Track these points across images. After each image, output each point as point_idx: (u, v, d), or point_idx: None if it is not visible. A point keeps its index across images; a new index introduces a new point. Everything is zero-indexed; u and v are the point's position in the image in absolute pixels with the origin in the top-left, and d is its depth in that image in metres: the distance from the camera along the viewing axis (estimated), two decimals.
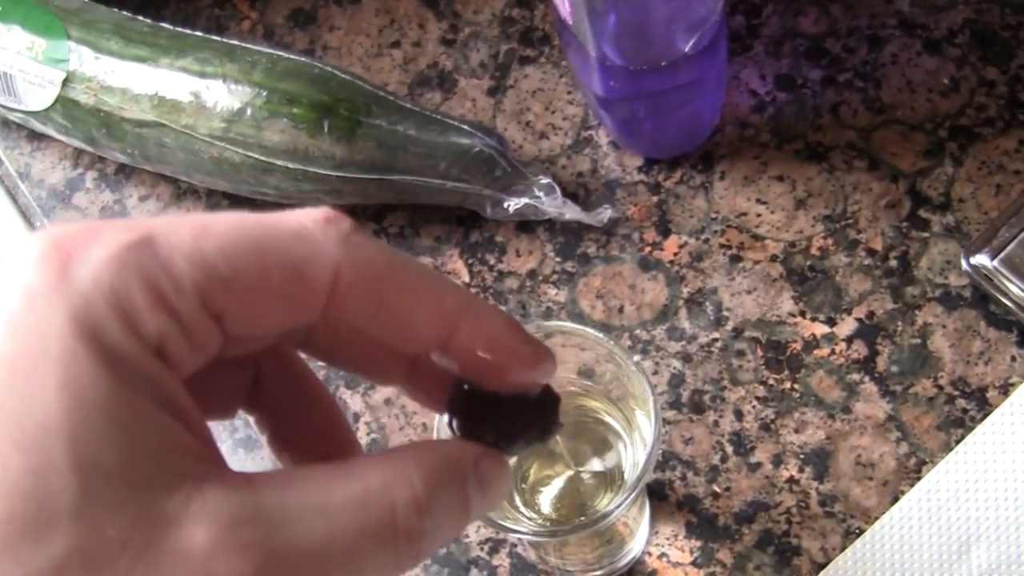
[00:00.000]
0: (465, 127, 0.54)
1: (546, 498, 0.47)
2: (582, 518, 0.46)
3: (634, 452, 0.44)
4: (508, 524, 0.40)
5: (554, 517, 0.47)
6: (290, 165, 0.54)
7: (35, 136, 0.63)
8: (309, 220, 0.26)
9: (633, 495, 0.40)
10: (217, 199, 0.59)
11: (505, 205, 0.54)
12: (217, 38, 0.56)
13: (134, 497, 0.22)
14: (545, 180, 0.54)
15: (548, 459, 0.47)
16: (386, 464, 0.26)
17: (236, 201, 0.59)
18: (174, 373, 0.24)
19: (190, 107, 0.54)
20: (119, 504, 0.22)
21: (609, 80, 0.52)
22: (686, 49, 0.49)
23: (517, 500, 0.46)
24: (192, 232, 0.24)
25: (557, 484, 0.47)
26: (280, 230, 0.25)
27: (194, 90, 0.54)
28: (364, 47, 0.61)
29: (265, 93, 0.54)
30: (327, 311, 0.26)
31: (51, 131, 0.59)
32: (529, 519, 0.45)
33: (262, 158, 0.54)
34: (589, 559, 0.49)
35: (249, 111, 0.54)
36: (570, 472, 0.47)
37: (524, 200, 0.54)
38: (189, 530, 0.22)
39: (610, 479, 0.47)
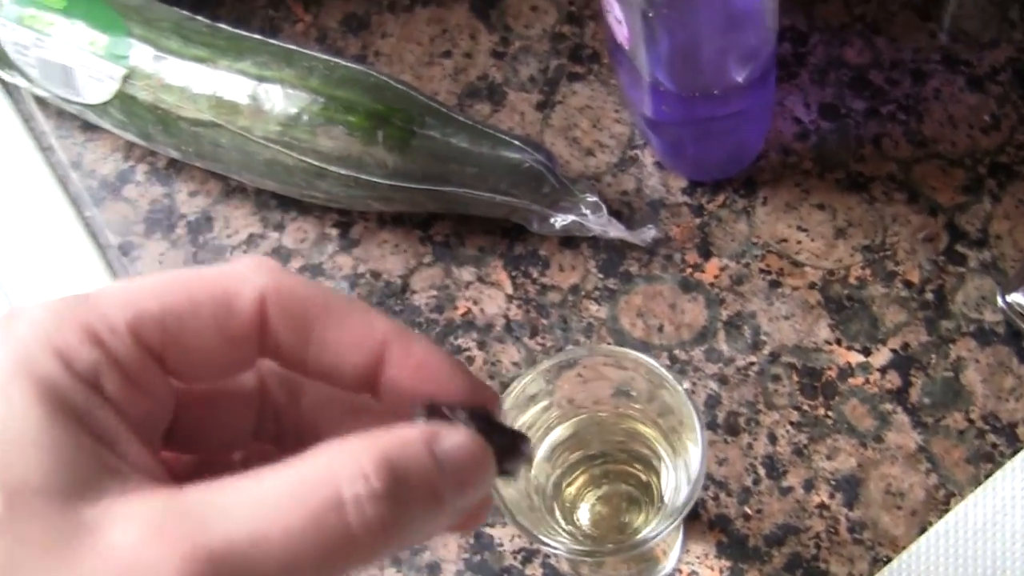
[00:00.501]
0: (516, 142, 0.55)
1: (585, 514, 0.48)
2: (621, 540, 0.47)
3: (675, 475, 0.45)
4: (546, 539, 0.42)
5: (593, 533, 0.48)
6: (343, 171, 0.55)
7: (88, 127, 0.64)
8: (236, 262, 0.29)
9: (674, 523, 0.41)
10: (266, 198, 0.60)
11: (552, 221, 0.55)
12: (275, 42, 0.57)
13: (56, 509, 0.24)
14: (592, 198, 0.55)
15: (589, 475, 0.49)
16: (332, 449, 0.26)
17: (284, 201, 0.60)
18: (108, 403, 0.26)
19: (247, 109, 0.55)
20: (42, 516, 0.24)
21: (660, 104, 0.53)
22: (739, 79, 0.51)
23: (557, 514, 0.47)
24: (124, 284, 0.28)
25: (596, 499, 0.49)
26: (208, 270, 0.28)
27: (251, 93, 0.55)
28: (415, 55, 0.62)
29: (322, 100, 0.55)
30: (264, 343, 0.28)
31: (106, 124, 0.60)
32: (568, 534, 0.46)
33: (315, 163, 0.55)
34: (616, 573, 0.50)
35: (305, 116, 0.55)
36: (610, 488, 0.49)
37: (571, 217, 0.55)
38: (111, 531, 0.24)
39: (649, 497, 0.48)
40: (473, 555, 0.52)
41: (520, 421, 0.44)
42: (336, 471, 0.25)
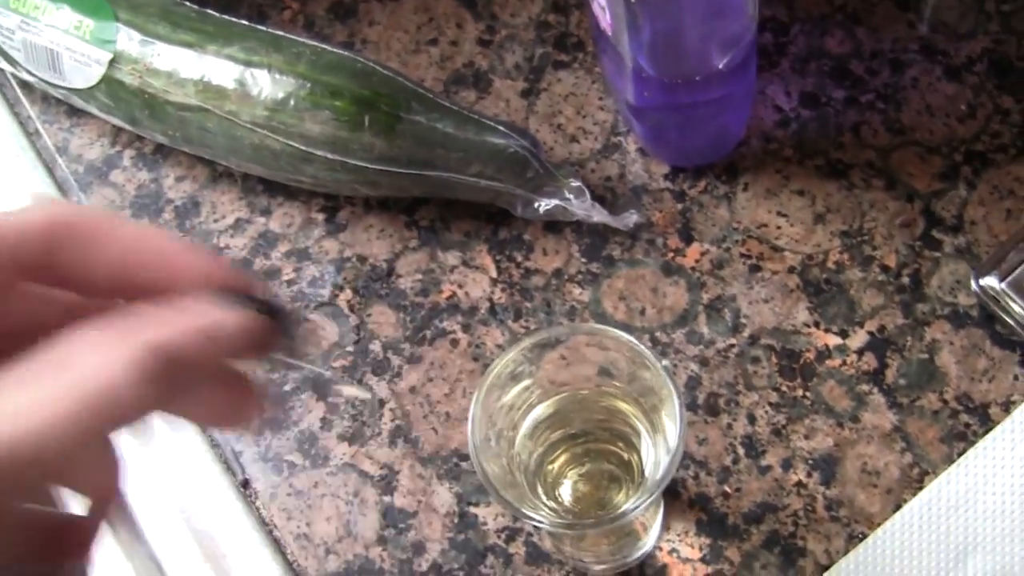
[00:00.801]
0: (501, 128, 0.56)
1: (567, 491, 0.49)
2: (601, 513, 0.48)
3: (656, 452, 0.46)
4: (529, 512, 0.42)
5: (575, 510, 0.49)
6: (329, 156, 0.56)
7: (74, 112, 0.64)
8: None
9: (653, 496, 0.42)
10: (252, 183, 0.61)
11: (536, 205, 0.56)
12: (263, 28, 0.57)
13: None
14: (575, 183, 0.56)
15: (571, 454, 0.49)
16: (98, 336, 0.28)
17: (271, 186, 0.60)
18: None
19: (234, 94, 0.56)
20: None
21: (642, 90, 0.54)
22: (719, 65, 0.51)
23: (540, 491, 0.48)
24: None
25: (578, 477, 0.50)
26: None
27: (239, 78, 0.56)
28: (402, 43, 0.63)
29: (309, 85, 0.55)
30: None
31: (92, 109, 0.61)
32: (551, 510, 0.47)
33: (302, 147, 0.56)
34: (603, 552, 0.51)
35: (292, 101, 0.55)
36: (592, 466, 0.49)
37: (554, 201, 0.56)
38: None
39: (630, 475, 0.49)
40: (457, 534, 0.53)
41: (502, 400, 0.45)
42: (110, 360, 0.27)
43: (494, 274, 0.57)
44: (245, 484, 0.56)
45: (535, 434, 0.47)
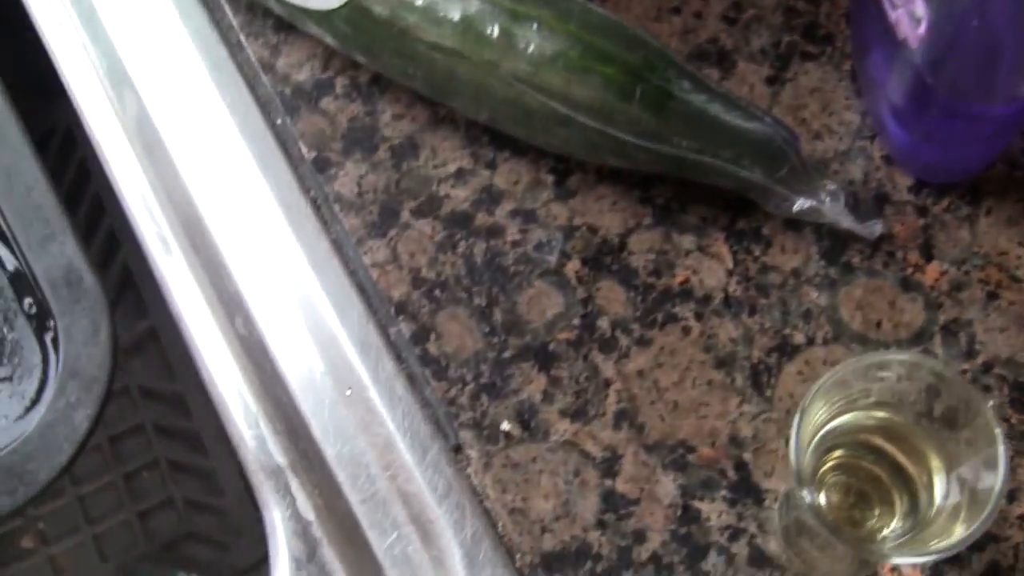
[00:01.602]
0: (767, 118, 0.54)
1: (821, 496, 0.49)
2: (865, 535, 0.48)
3: (946, 487, 0.45)
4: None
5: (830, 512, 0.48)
6: (590, 123, 0.53)
7: (282, 26, 0.61)
8: None
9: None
10: (477, 132, 0.58)
11: (790, 203, 0.55)
12: None
13: None
14: (831, 186, 0.55)
15: (837, 462, 0.49)
16: None
17: (497, 138, 0.58)
18: None
19: (497, 44, 0.53)
20: None
21: (922, 101, 0.52)
22: None
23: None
24: None
25: (833, 487, 0.49)
26: None
27: (504, 27, 0.53)
28: (643, 7, 0.60)
29: (581, 47, 0.53)
30: None
31: (319, 31, 0.57)
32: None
33: (563, 110, 0.53)
34: (834, 567, 0.51)
35: (561, 62, 0.53)
36: (845, 478, 0.49)
37: (811, 202, 0.55)
38: None
39: (886, 498, 0.48)
40: (680, 527, 0.52)
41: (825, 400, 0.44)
42: None
43: (730, 265, 0.56)
44: (457, 449, 0.54)
45: (823, 442, 0.47)
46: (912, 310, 0.55)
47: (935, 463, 0.46)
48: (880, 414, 0.46)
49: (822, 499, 0.49)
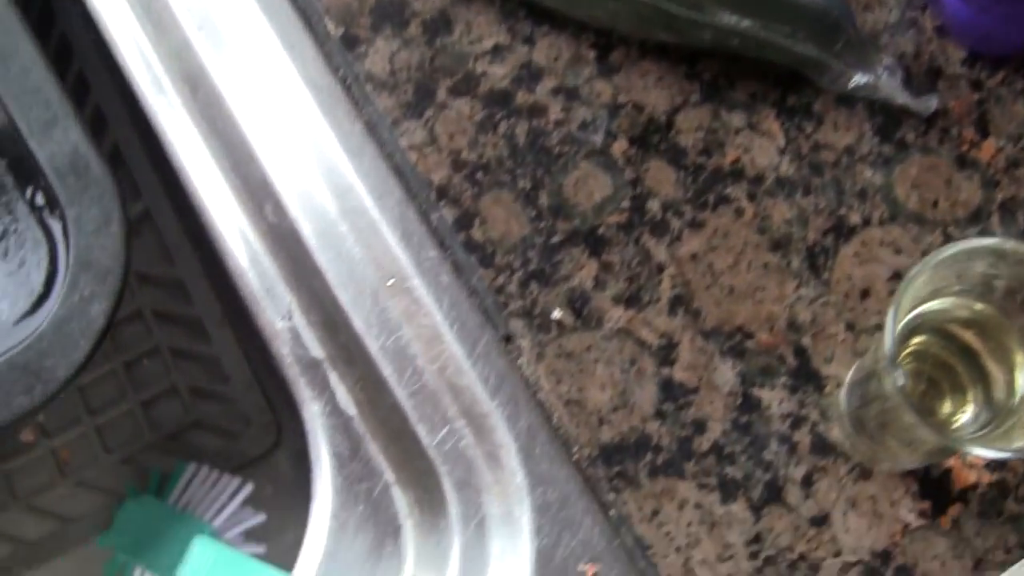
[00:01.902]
0: None
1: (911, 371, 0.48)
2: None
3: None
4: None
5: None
6: None
7: None
8: None
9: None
10: (512, 6, 0.55)
11: (845, 78, 0.53)
12: None
13: None
14: (888, 60, 0.53)
15: (934, 338, 0.47)
16: None
17: (533, 11, 0.55)
18: None
19: None
20: None
21: None
22: None
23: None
24: None
25: (920, 368, 0.48)
26: None
27: None
28: None
29: None
30: None
31: None
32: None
33: None
34: (901, 455, 0.50)
35: None
36: (916, 365, 0.48)
37: (868, 77, 0.52)
38: None
39: (959, 392, 0.48)
40: (740, 415, 0.51)
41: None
42: None
43: (781, 143, 0.54)
44: (508, 339, 0.52)
45: (904, 328, 0.45)
46: (968, 188, 0.54)
47: (1019, 357, 0.45)
48: (968, 303, 0.45)
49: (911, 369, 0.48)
